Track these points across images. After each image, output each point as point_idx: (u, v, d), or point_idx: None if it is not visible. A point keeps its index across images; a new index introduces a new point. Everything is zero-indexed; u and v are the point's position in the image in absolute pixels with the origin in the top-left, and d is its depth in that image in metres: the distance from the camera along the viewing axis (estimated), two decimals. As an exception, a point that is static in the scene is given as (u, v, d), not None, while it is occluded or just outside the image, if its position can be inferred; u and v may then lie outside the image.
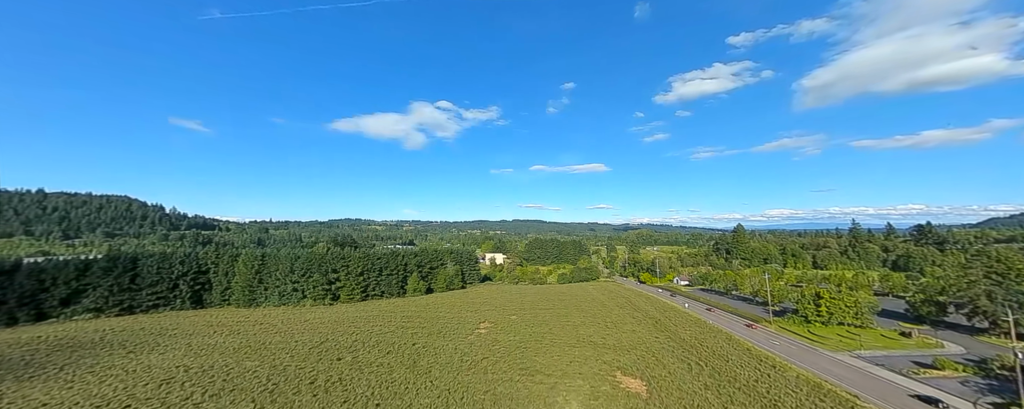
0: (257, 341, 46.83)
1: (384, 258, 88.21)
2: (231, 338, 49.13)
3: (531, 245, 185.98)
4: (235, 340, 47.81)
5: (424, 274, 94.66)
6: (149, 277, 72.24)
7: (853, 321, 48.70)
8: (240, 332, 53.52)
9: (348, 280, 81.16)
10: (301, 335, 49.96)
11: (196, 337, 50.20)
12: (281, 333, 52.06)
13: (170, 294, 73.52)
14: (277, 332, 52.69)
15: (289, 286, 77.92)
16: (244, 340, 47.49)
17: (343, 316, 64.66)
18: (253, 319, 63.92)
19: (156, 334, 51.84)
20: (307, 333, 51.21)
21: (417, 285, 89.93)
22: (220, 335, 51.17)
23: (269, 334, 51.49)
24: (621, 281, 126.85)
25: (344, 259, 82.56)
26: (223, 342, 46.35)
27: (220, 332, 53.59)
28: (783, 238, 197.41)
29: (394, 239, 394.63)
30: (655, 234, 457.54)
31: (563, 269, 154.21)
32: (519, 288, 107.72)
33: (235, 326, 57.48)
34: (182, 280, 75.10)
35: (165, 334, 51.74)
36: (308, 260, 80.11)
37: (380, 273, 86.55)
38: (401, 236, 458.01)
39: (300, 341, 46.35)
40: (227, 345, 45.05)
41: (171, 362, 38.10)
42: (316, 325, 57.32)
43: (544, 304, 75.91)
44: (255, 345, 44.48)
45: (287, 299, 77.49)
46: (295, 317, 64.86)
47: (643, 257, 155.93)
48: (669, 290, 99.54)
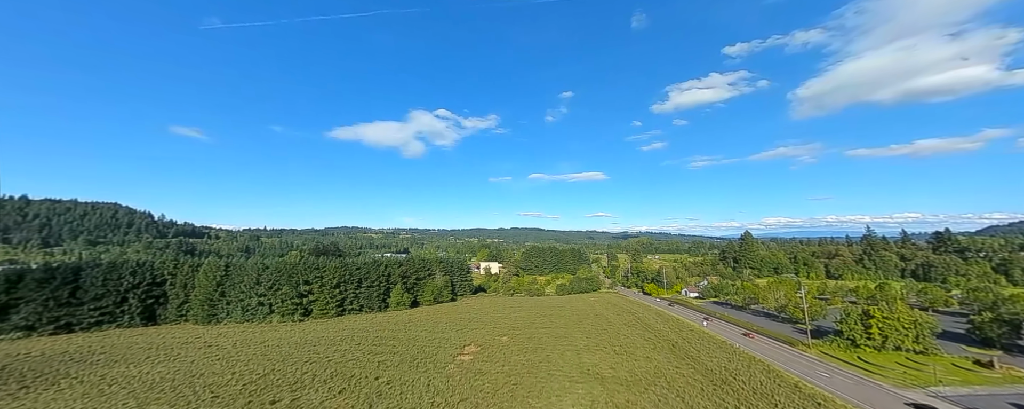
0: (189, 372, 38.14)
1: (364, 268, 79.66)
2: (162, 367, 40.45)
3: (528, 254, 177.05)
4: (164, 369, 39.14)
5: (409, 286, 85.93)
6: (93, 290, 63.58)
7: (913, 346, 40.39)
8: (179, 357, 44.79)
9: (322, 293, 72.48)
10: (246, 363, 41.28)
11: (120, 365, 41.49)
12: (226, 360, 43.34)
13: (117, 309, 64.77)
14: (221, 358, 43.96)
15: (254, 300, 69.21)
16: (175, 370, 38.82)
17: (309, 336, 55.87)
18: (204, 340, 55.12)
19: (75, 361, 43.11)
20: (255, 360, 42.53)
21: (401, 298, 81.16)
22: (151, 363, 42.46)
23: (210, 361, 42.76)
24: (624, 292, 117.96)
25: (318, 270, 74.02)
26: (146, 374, 37.68)
27: (155, 358, 44.87)
28: (793, 247, 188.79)
29: (389, 247, 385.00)
30: (656, 242, 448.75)
31: (562, 279, 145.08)
32: (514, 300, 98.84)
33: (177, 350, 48.73)
34: (132, 293, 66.44)
35: (85, 361, 43.01)
36: (277, 271, 71.58)
37: (359, 285, 77.88)
38: (397, 244, 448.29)
39: (240, 373, 37.70)
40: (148, 378, 36.38)
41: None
42: (272, 348, 48.57)
43: (541, 321, 67.20)
44: (182, 379, 35.83)
45: (252, 315, 68.70)
46: (253, 337, 56.04)
47: (646, 266, 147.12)
48: (679, 303, 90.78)
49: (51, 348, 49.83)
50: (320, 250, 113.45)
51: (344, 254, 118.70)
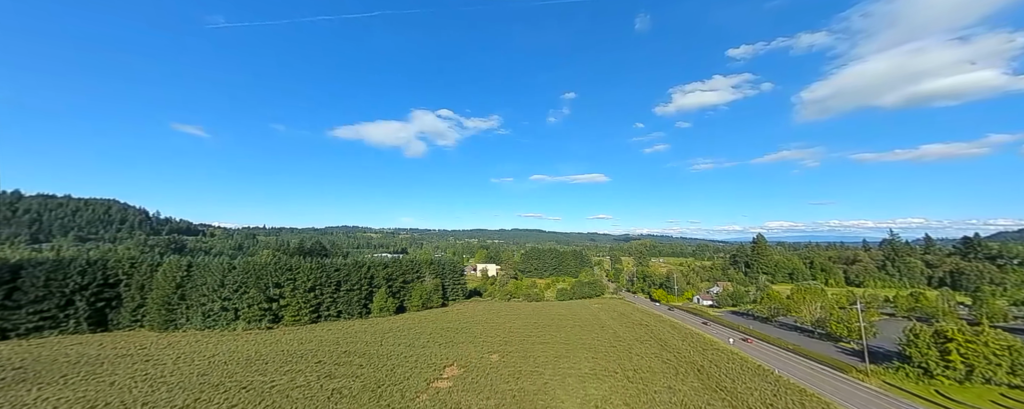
0: (94, 399, 30.40)
1: (344, 270, 71.87)
2: (71, 389, 32.87)
3: (528, 255, 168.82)
4: (71, 393, 31.55)
5: (395, 290, 78.05)
6: (33, 291, 56.27)
7: (1007, 378, 32.07)
8: (101, 376, 37.14)
9: (294, 298, 64.75)
10: (172, 388, 33.49)
11: (24, 386, 33.84)
12: (153, 380, 35.63)
13: (61, 313, 57.42)
14: (149, 378, 36.25)
15: (217, 304, 61.61)
16: (82, 394, 31.22)
17: (266, 349, 48.06)
18: (148, 352, 47.50)
19: (-29, 380, 35.46)
20: (187, 382, 34.77)
21: (385, 303, 73.30)
22: (63, 383, 34.86)
23: (134, 382, 35.08)
24: (630, 298, 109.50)
25: (291, 271, 66.31)
26: (42, 400, 29.97)
27: (73, 376, 37.24)
28: (810, 251, 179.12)
29: (388, 247, 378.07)
30: (659, 245, 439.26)
31: (563, 283, 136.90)
32: (511, 306, 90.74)
33: (108, 365, 41.13)
34: (80, 295, 59.07)
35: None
36: (244, 272, 63.93)
37: (337, 288, 70.09)
38: (396, 244, 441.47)
39: (154, 403, 29.87)
40: (39, 407, 28.63)
41: None
42: (217, 365, 40.78)
43: (539, 333, 59.04)
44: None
45: (214, 321, 61.09)
46: (204, 349, 48.31)
47: (653, 270, 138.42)
48: (693, 312, 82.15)
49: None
50: (304, 249, 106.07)
51: (330, 253, 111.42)
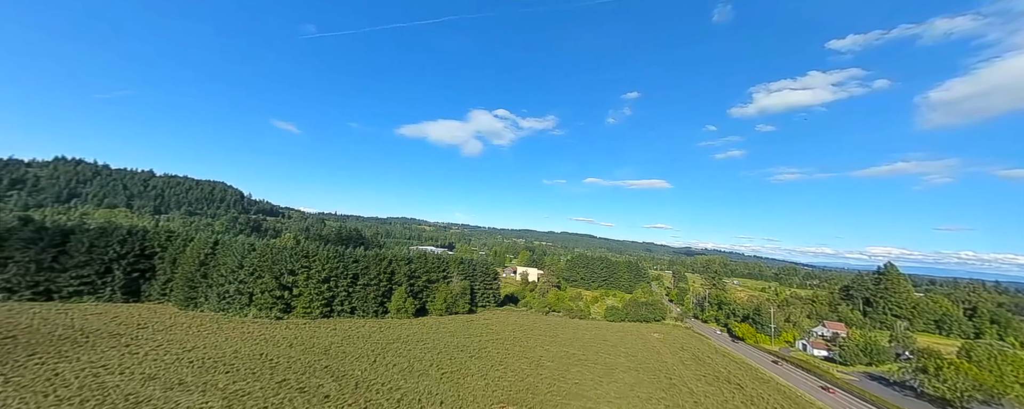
0: (41, 389, 24.77)
1: (363, 261, 65.11)
2: (47, 368, 28.16)
3: (574, 262, 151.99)
4: (33, 374, 26.52)
5: (416, 289, 69.54)
6: (77, 256, 58.01)
7: None
8: (80, 358, 32.85)
9: (307, 287, 59.22)
10: (118, 389, 27.05)
11: (15, 352, 30.33)
12: (120, 371, 30.06)
13: (99, 280, 58.61)
14: (117, 370, 30.81)
15: (233, 287, 58.43)
16: (43, 375, 25.98)
17: (251, 348, 41.53)
18: (150, 332, 44.16)
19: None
20: (134, 384, 28.28)
21: (403, 304, 65.04)
22: (45, 357, 30.77)
23: (95, 372, 29.69)
24: (703, 330, 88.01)
25: (307, 258, 61.07)
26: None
27: (64, 351, 33.58)
28: (967, 291, 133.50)
29: (437, 240, 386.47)
30: (731, 263, 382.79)
31: (613, 297, 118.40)
32: (549, 322, 77.00)
33: (102, 342, 37.63)
34: (118, 264, 60.05)
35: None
36: (261, 255, 60.12)
37: (354, 281, 63.46)
38: (446, 238, 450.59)
39: (83, 399, 23.12)
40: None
41: None
42: (181, 365, 34.54)
43: (579, 372, 44.90)
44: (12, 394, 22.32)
45: (228, 304, 57.97)
46: (197, 339, 43.59)
47: (731, 295, 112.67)
48: (807, 368, 59.24)
49: None
50: (342, 236, 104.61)
51: (368, 243, 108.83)
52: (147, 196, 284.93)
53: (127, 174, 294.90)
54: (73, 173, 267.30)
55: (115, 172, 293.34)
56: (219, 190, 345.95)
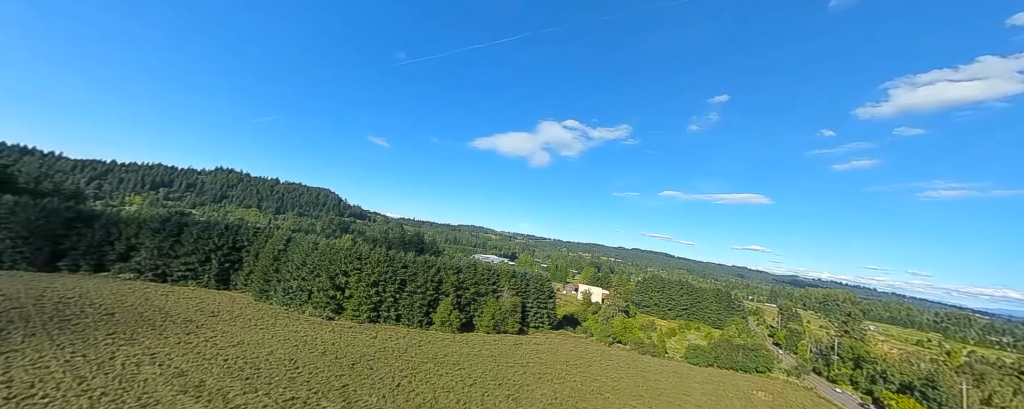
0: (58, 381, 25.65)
1: (412, 267, 62.88)
2: (89, 346, 30.17)
3: (647, 284, 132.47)
4: (57, 355, 28.26)
5: (463, 302, 64.73)
6: (187, 245, 67.31)
7: None
8: (132, 328, 35.10)
9: (357, 290, 58.79)
10: (128, 384, 26.75)
11: (68, 325, 33.74)
12: (160, 364, 30.66)
13: (200, 267, 66.97)
14: (162, 362, 31.60)
15: (295, 283, 61.11)
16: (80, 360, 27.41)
17: (283, 351, 40.47)
18: (212, 324, 47.11)
19: (69, 307, 38.52)
20: (149, 386, 27.83)
21: (448, 316, 60.64)
22: (115, 344, 33.49)
23: (128, 363, 30.61)
24: (833, 396, 64.86)
25: (359, 260, 61.06)
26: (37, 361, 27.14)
27: (130, 336, 36.53)
28: None
29: (501, 249, 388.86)
30: (861, 300, 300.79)
31: (696, 332, 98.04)
32: (613, 356, 64.69)
33: (173, 325, 40.60)
34: (215, 254, 68.12)
35: (69, 314, 37.83)
36: (321, 254, 62.05)
37: (401, 287, 61.37)
38: (511, 248, 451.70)
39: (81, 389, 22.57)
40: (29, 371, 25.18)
41: None
42: (223, 362, 34.34)
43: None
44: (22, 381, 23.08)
45: (291, 299, 60.66)
46: (248, 334, 44.81)
47: (874, 350, 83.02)
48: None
49: (123, 293, 50.36)
50: (404, 240, 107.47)
51: (426, 248, 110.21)
52: (272, 199, 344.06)
53: (260, 181, 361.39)
54: (225, 180, 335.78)
55: (253, 179, 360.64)
56: (323, 196, 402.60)
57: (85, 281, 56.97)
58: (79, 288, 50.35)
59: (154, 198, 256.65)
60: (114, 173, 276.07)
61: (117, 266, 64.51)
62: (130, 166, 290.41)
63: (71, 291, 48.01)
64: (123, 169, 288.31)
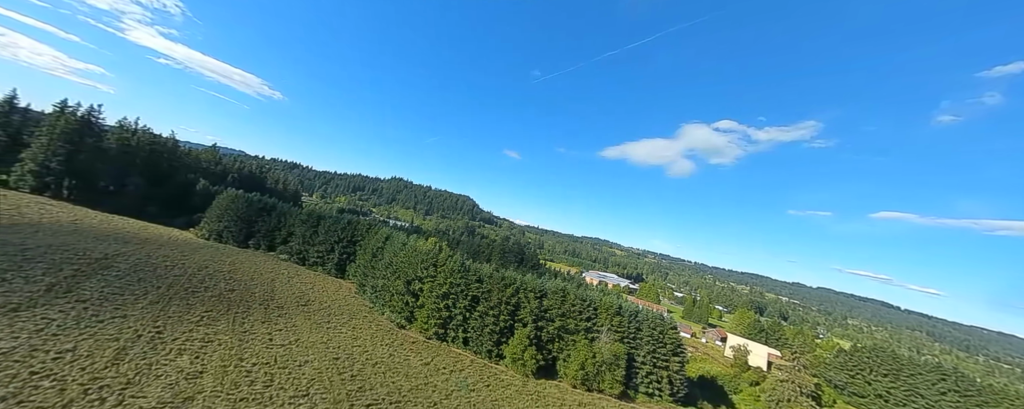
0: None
1: (487, 283, 52.87)
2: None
3: (860, 359, 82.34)
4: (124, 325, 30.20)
5: (545, 338, 49.90)
6: (321, 235, 77.83)
7: None
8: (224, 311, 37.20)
9: (428, 300, 52.86)
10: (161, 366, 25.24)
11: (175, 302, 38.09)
12: (227, 348, 30.30)
13: (327, 256, 76.10)
14: (232, 348, 31.46)
15: (380, 282, 60.56)
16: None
17: (322, 363, 36.00)
18: (303, 312, 48.96)
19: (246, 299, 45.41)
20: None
21: (522, 353, 47.31)
22: (223, 320, 36.58)
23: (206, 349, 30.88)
24: None
25: (434, 266, 55.30)
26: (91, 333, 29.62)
27: (236, 316, 39.85)
28: None
29: (626, 268, 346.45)
30: None
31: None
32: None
33: (274, 310, 43.34)
34: (337, 245, 76.42)
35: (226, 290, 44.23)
36: (405, 256, 59.64)
37: (473, 305, 52.02)
38: (638, 267, 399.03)
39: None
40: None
41: None
42: (264, 365, 31.89)
43: None
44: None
45: (377, 298, 60.35)
46: (321, 333, 43.68)
47: None
48: None
49: (280, 275, 60.35)
50: (505, 249, 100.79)
51: (526, 259, 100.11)
52: (424, 202, 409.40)
53: (418, 188, 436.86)
54: (396, 186, 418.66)
55: (413, 186, 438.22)
56: (462, 201, 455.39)
57: (253, 256, 71.62)
58: (234, 261, 62.09)
59: (351, 198, 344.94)
60: (334, 181, 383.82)
61: (279, 248, 79.85)
62: (342, 176, 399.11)
63: (225, 263, 59.21)
64: (339, 177, 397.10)
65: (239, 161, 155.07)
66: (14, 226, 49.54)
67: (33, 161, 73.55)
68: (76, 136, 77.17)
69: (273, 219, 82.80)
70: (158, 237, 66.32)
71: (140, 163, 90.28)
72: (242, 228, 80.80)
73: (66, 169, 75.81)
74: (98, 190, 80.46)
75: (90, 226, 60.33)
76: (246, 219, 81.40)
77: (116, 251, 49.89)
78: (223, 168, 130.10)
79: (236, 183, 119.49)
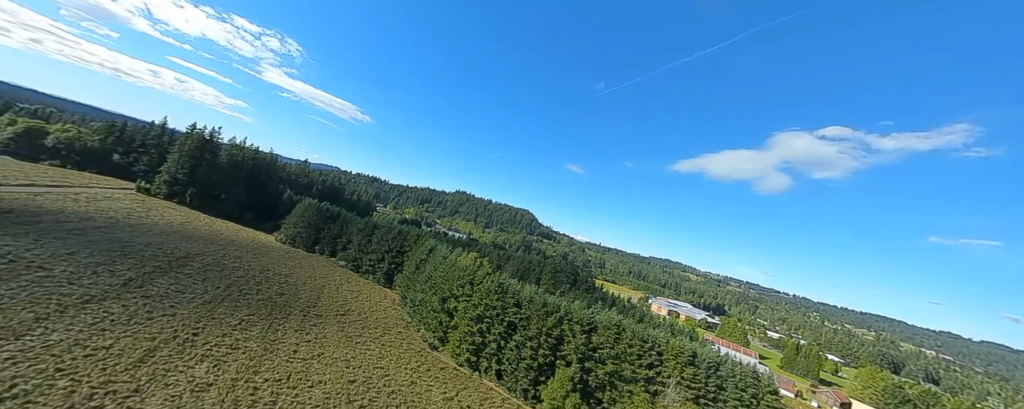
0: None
1: (527, 308, 46.22)
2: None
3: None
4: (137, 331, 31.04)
5: (594, 384, 40.69)
6: (374, 244, 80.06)
7: None
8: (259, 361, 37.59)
9: (461, 321, 48.22)
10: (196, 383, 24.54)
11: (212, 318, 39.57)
12: (245, 352, 29.91)
13: (377, 265, 77.61)
14: (252, 356, 31.13)
15: (419, 295, 58.15)
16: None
17: (335, 386, 32.97)
18: (340, 322, 48.45)
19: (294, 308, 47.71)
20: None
21: (564, 400, 39.03)
22: (260, 325, 37.52)
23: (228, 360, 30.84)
24: None
25: (471, 285, 50.72)
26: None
27: (274, 324, 40.67)
28: None
29: (701, 296, 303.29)
30: None
31: None
32: None
33: (313, 318, 43.64)
34: (387, 255, 77.55)
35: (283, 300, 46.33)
36: (444, 270, 56.50)
37: (509, 332, 45.67)
38: (719, 297, 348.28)
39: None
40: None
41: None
42: (276, 381, 30.22)
43: None
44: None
45: (415, 312, 58.01)
46: (349, 349, 42.03)
47: None
48: None
49: (331, 283, 63.28)
50: (556, 269, 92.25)
51: (579, 281, 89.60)
52: (484, 215, 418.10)
53: (479, 201, 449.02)
54: (459, 199, 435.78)
55: (475, 199, 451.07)
56: (520, 215, 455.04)
57: (315, 261, 76.14)
58: (295, 265, 65.81)
59: (419, 209, 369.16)
60: (405, 193, 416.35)
61: (339, 254, 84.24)
62: (412, 188, 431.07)
63: (286, 267, 62.84)
64: (410, 190, 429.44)
65: (323, 174, 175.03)
66: (135, 225, 59.05)
67: (167, 173, 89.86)
68: (197, 152, 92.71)
69: (336, 226, 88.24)
70: (242, 239, 74.41)
71: (244, 175, 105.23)
72: (310, 234, 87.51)
73: (189, 179, 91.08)
74: (211, 197, 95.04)
75: (193, 227, 69.98)
76: (314, 226, 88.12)
77: (199, 250, 55.91)
78: (309, 180, 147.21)
79: (318, 194, 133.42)
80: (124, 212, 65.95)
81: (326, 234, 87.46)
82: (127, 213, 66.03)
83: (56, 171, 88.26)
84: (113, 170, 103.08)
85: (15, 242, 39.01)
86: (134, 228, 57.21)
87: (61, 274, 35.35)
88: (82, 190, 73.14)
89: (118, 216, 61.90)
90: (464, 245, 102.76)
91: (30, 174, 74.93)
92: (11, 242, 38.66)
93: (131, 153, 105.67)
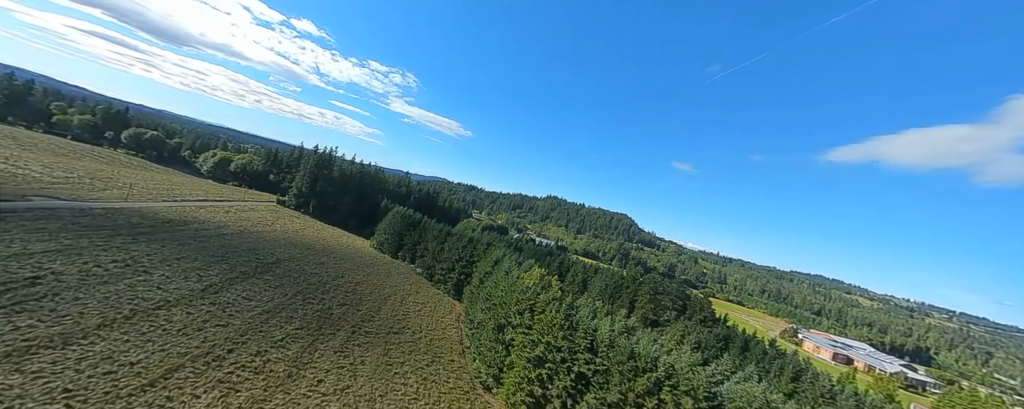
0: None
1: (605, 358, 32.53)
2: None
3: None
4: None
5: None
6: (446, 253, 76.92)
7: None
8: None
9: (520, 354, 37.67)
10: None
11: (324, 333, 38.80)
12: (262, 373, 27.14)
13: (447, 275, 73.95)
14: (270, 380, 28.33)
15: (479, 316, 50.12)
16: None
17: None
18: (383, 342, 44.25)
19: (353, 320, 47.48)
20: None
21: None
22: (306, 340, 36.14)
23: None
24: None
25: (532, 310, 39.69)
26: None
27: (323, 342, 38.95)
28: None
29: (882, 331, 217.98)
30: None
31: None
32: None
33: (363, 334, 40.82)
34: (457, 264, 73.13)
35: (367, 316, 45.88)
36: (502, 290, 47.12)
37: (578, 387, 32.71)
38: (915, 332, 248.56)
39: None
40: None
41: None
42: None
43: None
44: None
45: (473, 335, 50.26)
46: (378, 382, 36.69)
47: None
48: None
49: (402, 290, 62.70)
50: (658, 287, 72.15)
51: (691, 307, 66.78)
52: (576, 220, 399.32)
53: (571, 205, 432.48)
54: (550, 204, 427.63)
55: (567, 204, 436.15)
56: (617, 220, 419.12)
57: (394, 267, 77.02)
58: (370, 272, 66.25)
59: (511, 216, 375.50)
60: (499, 200, 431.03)
61: (417, 262, 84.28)
62: (505, 195, 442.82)
63: (361, 273, 63.38)
64: (503, 197, 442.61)
65: (420, 184, 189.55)
66: (255, 232, 68.10)
67: (296, 187, 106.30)
68: (316, 169, 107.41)
69: (416, 233, 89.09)
70: (337, 245, 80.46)
71: (352, 187, 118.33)
72: (395, 240, 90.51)
73: (311, 192, 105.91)
74: (327, 207, 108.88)
75: (301, 234, 78.50)
76: (398, 232, 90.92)
77: (289, 256, 60.30)
78: (407, 189, 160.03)
79: (414, 203, 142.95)
80: (255, 221, 77.91)
81: (408, 240, 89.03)
82: (257, 222, 77.86)
83: (231, 189, 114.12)
84: (270, 187, 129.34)
85: (148, 247, 46.11)
86: (252, 235, 65.59)
87: (158, 278, 39.12)
88: (236, 204, 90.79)
89: (248, 225, 72.83)
90: (543, 255, 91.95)
91: (210, 192, 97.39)
92: (145, 247, 45.77)
93: (280, 172, 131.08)
